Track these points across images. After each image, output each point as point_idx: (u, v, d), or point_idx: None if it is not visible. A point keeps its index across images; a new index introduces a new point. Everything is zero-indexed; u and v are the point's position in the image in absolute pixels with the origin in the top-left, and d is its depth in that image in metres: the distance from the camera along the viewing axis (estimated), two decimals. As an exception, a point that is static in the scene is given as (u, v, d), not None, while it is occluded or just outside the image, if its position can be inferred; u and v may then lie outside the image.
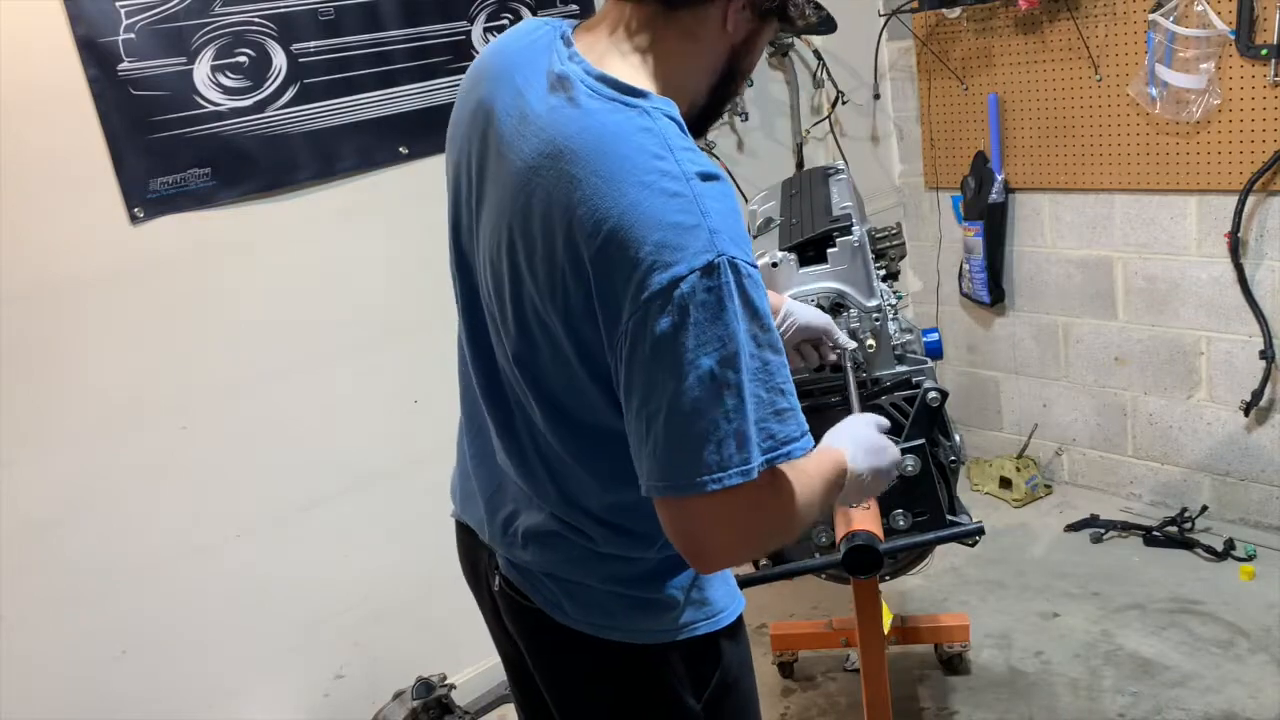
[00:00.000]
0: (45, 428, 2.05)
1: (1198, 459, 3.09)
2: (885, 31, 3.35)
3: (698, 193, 1.00)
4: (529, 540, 1.24)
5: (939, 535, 1.79)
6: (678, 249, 0.98)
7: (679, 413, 0.99)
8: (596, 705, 1.29)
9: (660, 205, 0.99)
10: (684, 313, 0.98)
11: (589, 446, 1.17)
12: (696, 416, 0.99)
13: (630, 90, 1.06)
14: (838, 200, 1.98)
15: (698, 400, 0.99)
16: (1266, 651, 2.53)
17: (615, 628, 1.22)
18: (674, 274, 0.97)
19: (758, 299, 1.01)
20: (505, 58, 1.18)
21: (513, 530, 1.26)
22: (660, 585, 1.22)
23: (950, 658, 2.59)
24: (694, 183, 1.00)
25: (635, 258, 0.99)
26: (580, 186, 1.02)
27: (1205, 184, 2.83)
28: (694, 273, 0.97)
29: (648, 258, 0.98)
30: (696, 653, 1.24)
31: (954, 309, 3.55)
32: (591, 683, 1.27)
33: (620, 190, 1.00)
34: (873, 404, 1.83)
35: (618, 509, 1.19)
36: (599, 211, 1.01)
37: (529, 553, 1.24)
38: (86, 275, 2.06)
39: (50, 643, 2.08)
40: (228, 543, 2.29)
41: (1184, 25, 2.68)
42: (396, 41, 2.39)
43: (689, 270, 0.97)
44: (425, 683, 2.40)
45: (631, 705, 1.27)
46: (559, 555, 1.22)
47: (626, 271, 0.99)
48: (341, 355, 2.41)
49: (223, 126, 2.19)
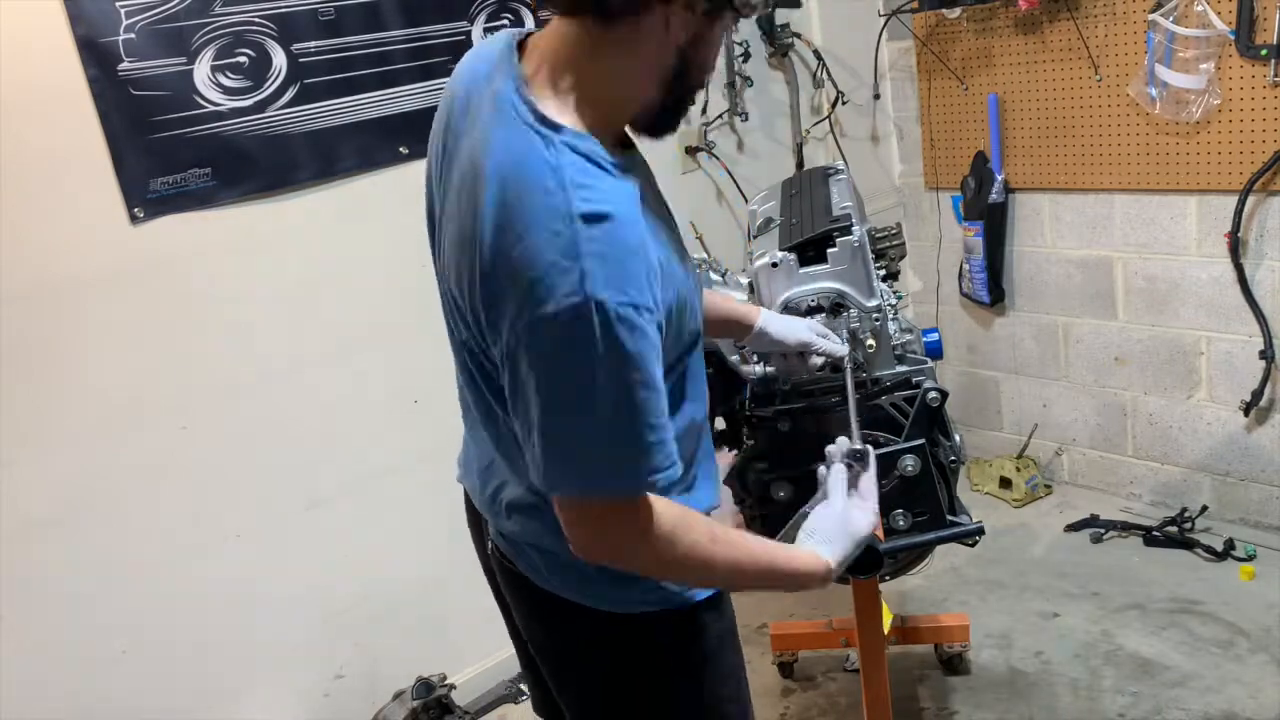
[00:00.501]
0: (45, 428, 2.04)
1: (1198, 459, 3.09)
2: (885, 31, 3.34)
3: (578, 234, 1.04)
4: (512, 511, 1.31)
5: (939, 535, 1.79)
6: (550, 288, 1.04)
7: (543, 432, 1.10)
8: (582, 668, 1.36)
9: (542, 243, 1.04)
10: (549, 346, 1.06)
11: None
12: (556, 438, 1.10)
13: (545, 121, 1.10)
14: (838, 200, 1.98)
15: (557, 425, 1.09)
16: (1266, 651, 2.53)
17: (594, 595, 1.28)
18: (542, 313, 1.04)
19: (628, 340, 1.06)
20: (467, 70, 1.25)
21: (499, 501, 1.33)
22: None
23: (950, 658, 2.59)
24: (576, 224, 1.04)
25: (514, 289, 1.06)
26: (484, 210, 1.09)
27: (1205, 184, 2.83)
28: (561, 311, 1.03)
29: (524, 292, 1.05)
30: (677, 623, 1.30)
31: (954, 309, 3.56)
32: (576, 647, 1.34)
33: (511, 221, 1.06)
34: (872, 404, 1.83)
35: None
36: (493, 239, 1.08)
37: (513, 522, 1.31)
38: (86, 275, 2.06)
39: (50, 643, 2.08)
40: (228, 543, 2.29)
41: (1184, 25, 2.68)
42: (396, 41, 2.39)
43: (555, 310, 1.03)
44: (425, 683, 2.39)
45: (614, 669, 1.33)
46: (538, 525, 1.27)
47: (506, 300, 1.07)
48: (341, 355, 2.41)
49: (223, 126, 2.19)
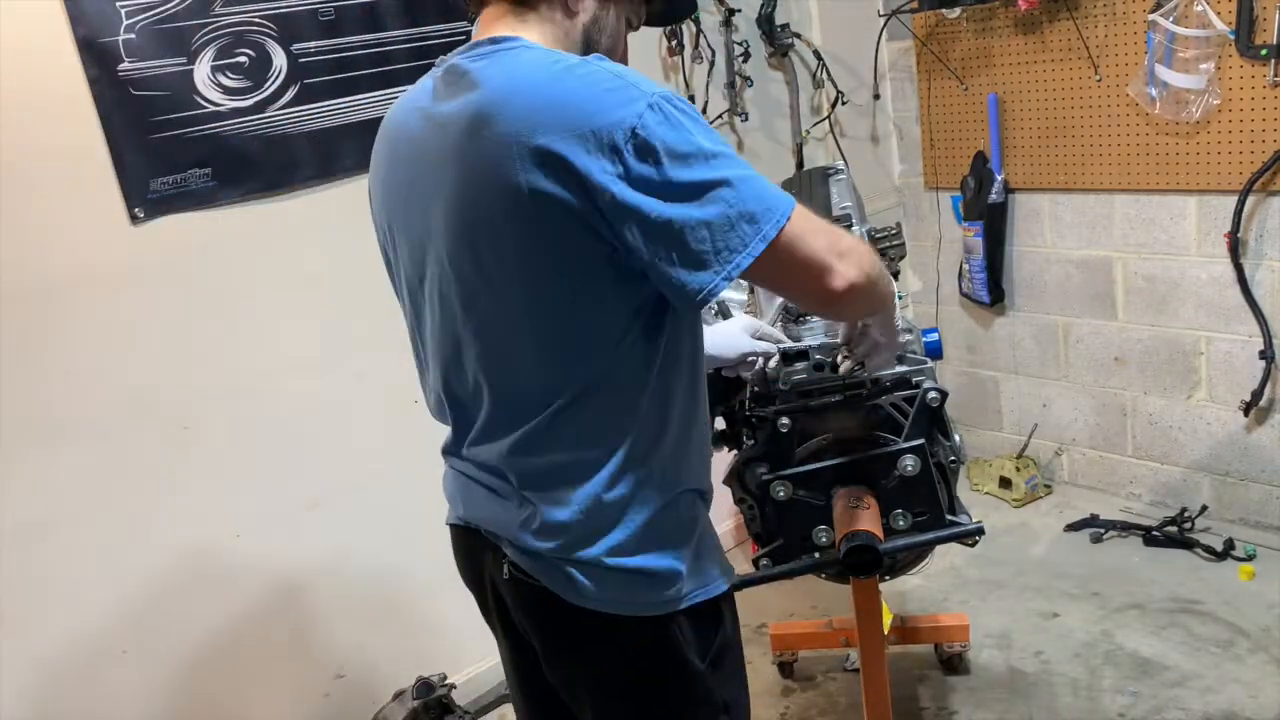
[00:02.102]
0: (45, 428, 2.05)
1: (1197, 459, 3.10)
2: (885, 31, 3.34)
3: (601, 65, 1.14)
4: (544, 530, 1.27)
5: (939, 535, 1.79)
6: (618, 105, 1.09)
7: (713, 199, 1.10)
8: (613, 680, 1.34)
9: (581, 87, 1.11)
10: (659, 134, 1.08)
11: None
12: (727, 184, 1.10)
13: (502, 39, 1.21)
14: (838, 200, 1.99)
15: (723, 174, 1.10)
16: (1266, 651, 2.53)
17: (626, 602, 1.28)
18: (630, 120, 1.08)
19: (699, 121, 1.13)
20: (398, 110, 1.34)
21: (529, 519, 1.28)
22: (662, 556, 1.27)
23: (950, 658, 2.59)
24: (590, 62, 1.14)
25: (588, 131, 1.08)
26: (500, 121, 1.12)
27: (1205, 184, 2.83)
28: (645, 109, 1.08)
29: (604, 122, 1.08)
30: (701, 618, 1.32)
31: (954, 309, 3.56)
32: (605, 660, 1.33)
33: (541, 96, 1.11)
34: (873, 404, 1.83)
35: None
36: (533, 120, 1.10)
37: (541, 540, 1.27)
38: (87, 275, 2.06)
39: (50, 643, 2.09)
40: (228, 543, 2.29)
41: (1184, 25, 2.68)
42: (396, 41, 2.40)
43: (640, 110, 1.08)
44: (425, 683, 2.40)
45: (645, 673, 1.32)
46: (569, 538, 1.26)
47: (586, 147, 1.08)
48: (341, 355, 2.41)
49: (223, 126, 2.19)
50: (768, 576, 1.79)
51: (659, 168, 1.08)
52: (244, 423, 2.28)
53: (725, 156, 1.12)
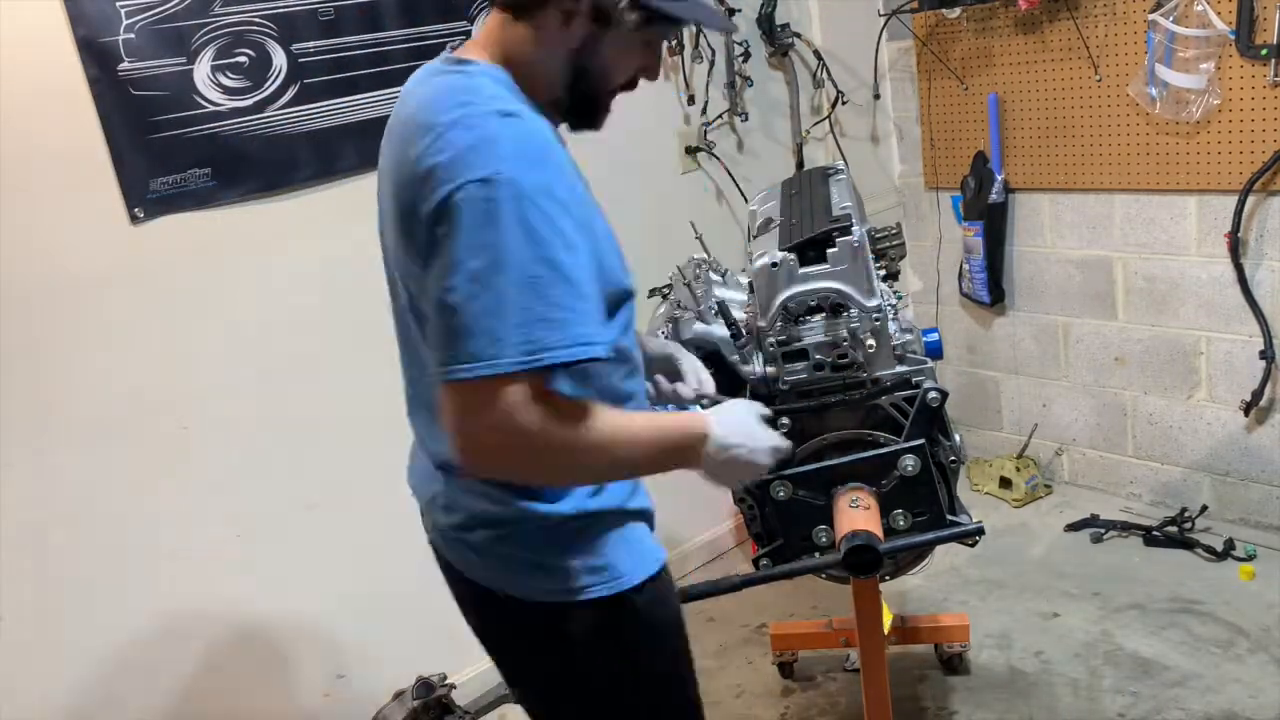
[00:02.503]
0: (45, 428, 2.05)
1: (1198, 459, 3.10)
2: (885, 31, 3.34)
3: (491, 125, 1.15)
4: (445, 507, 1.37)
5: (939, 535, 1.80)
6: (464, 167, 1.12)
7: (443, 306, 1.13)
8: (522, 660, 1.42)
9: (457, 137, 1.14)
10: (456, 217, 1.11)
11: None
12: (455, 311, 1.12)
13: (462, 60, 1.26)
14: (838, 200, 1.98)
15: (461, 296, 1.11)
16: (1266, 651, 2.53)
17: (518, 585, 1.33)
18: (453, 186, 1.12)
19: (537, 220, 1.12)
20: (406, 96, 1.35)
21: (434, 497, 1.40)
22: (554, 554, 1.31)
23: (950, 658, 2.59)
24: (489, 118, 1.16)
25: (432, 179, 1.14)
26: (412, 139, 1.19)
27: (1205, 184, 2.83)
28: (470, 183, 1.11)
29: (440, 176, 1.13)
30: (602, 611, 1.32)
31: (954, 309, 3.56)
32: (507, 637, 1.40)
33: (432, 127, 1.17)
34: (873, 404, 1.83)
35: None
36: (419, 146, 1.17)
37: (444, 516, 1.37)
38: (87, 275, 2.06)
39: (50, 643, 2.09)
40: (228, 542, 2.29)
41: (1184, 25, 2.68)
42: (396, 41, 2.39)
43: (465, 181, 1.11)
44: (425, 683, 2.39)
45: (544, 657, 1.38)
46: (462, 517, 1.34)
47: (427, 191, 1.14)
48: (340, 355, 2.40)
49: (223, 126, 2.19)
50: (768, 576, 1.79)
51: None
52: (243, 422, 2.28)
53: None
